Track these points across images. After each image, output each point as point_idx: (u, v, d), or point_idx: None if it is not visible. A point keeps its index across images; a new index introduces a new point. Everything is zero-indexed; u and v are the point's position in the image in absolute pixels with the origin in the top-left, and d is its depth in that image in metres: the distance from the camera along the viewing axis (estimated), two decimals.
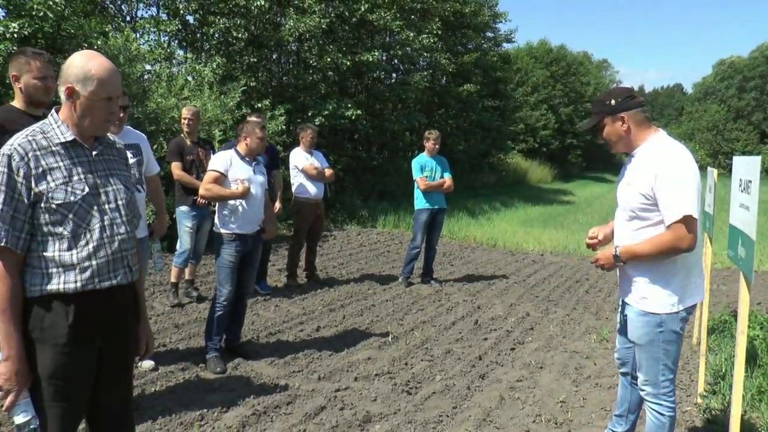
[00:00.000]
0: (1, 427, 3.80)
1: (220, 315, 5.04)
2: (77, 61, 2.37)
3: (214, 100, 10.41)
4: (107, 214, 2.43)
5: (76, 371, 2.39)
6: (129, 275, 2.52)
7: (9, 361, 2.28)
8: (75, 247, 2.35)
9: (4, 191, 2.26)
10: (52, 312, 2.34)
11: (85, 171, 2.40)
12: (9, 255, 2.28)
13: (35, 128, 2.39)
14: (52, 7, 8.33)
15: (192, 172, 6.58)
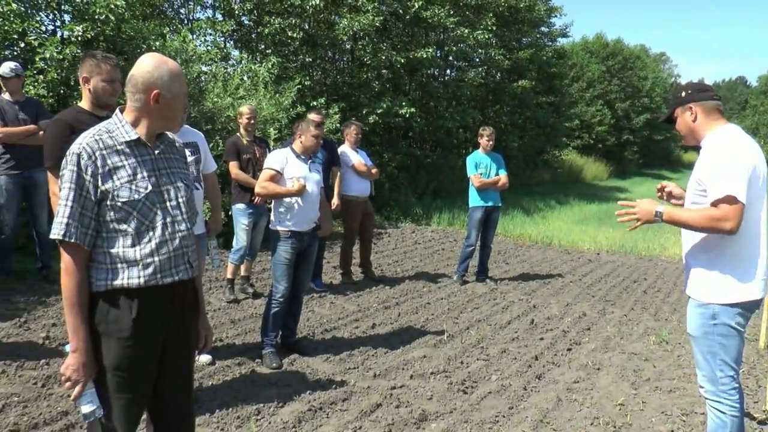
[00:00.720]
0: (68, 416, 3.92)
1: (276, 311, 5.10)
2: (154, 64, 2.44)
3: (269, 99, 10.53)
4: (169, 211, 2.49)
5: (139, 363, 2.46)
6: (189, 271, 2.58)
7: (77, 353, 2.36)
8: (138, 243, 2.41)
9: (74, 189, 2.34)
10: (116, 306, 2.40)
11: (148, 169, 2.46)
12: (77, 250, 2.36)
13: (101, 128, 2.46)
14: (114, 11, 8.57)
15: (248, 170, 6.67)
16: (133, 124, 2.47)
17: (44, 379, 4.50)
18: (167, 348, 2.56)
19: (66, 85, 8.07)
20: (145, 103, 2.44)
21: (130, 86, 2.46)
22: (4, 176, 6.57)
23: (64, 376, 2.37)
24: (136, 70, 2.45)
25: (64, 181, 2.36)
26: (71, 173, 2.34)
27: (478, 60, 20.02)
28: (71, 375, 2.35)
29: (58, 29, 9.11)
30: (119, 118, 2.48)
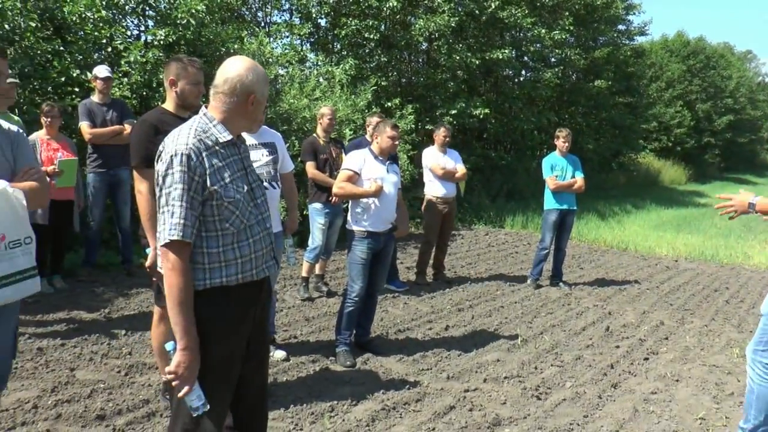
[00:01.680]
0: (150, 404, 4.09)
1: (351, 310, 5.18)
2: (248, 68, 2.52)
3: (345, 100, 10.68)
4: (258, 209, 2.58)
5: (234, 358, 2.56)
6: (275, 267, 2.68)
7: (187, 351, 2.41)
8: (238, 241, 2.50)
9: (185, 189, 2.37)
10: (215, 304, 2.48)
11: (239, 169, 2.55)
12: (186, 249, 2.41)
13: (196, 129, 2.49)
14: (195, 15, 8.89)
15: (325, 170, 6.78)
16: (223, 124, 2.53)
17: (127, 368, 4.72)
18: (252, 339, 2.66)
19: (148, 87, 8.40)
20: (239, 105, 2.50)
21: (225, 88, 2.50)
22: (92, 174, 6.90)
23: (174, 374, 2.41)
24: (232, 74, 2.49)
25: (174, 182, 2.38)
26: (182, 174, 2.37)
27: (554, 60, 19.71)
28: (182, 372, 2.40)
29: (142, 34, 9.50)
30: (209, 118, 2.53)
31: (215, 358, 2.49)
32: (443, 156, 7.98)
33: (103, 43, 8.63)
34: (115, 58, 8.54)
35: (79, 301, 6.28)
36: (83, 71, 7.91)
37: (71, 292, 6.54)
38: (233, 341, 2.53)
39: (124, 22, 9.43)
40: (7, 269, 2.81)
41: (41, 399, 4.12)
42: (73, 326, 5.59)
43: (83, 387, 4.35)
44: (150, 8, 9.43)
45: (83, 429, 3.79)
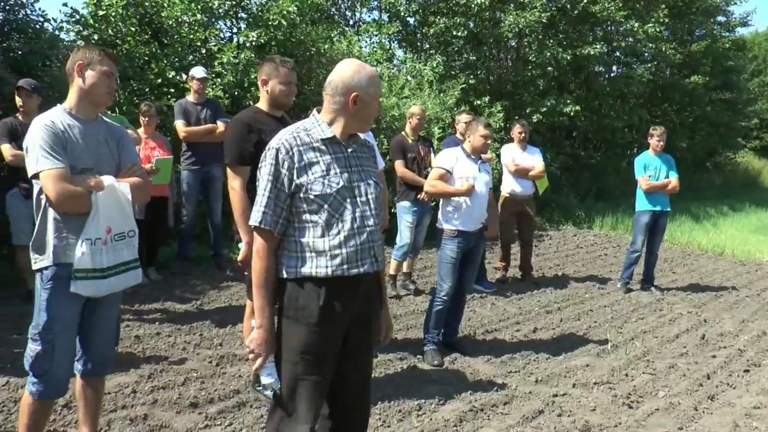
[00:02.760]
0: (240, 394, 4.24)
1: (440, 309, 5.20)
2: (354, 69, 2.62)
3: (433, 99, 10.69)
4: (358, 206, 2.63)
5: (324, 348, 2.62)
6: (375, 265, 2.70)
7: (261, 329, 2.59)
8: (327, 235, 2.57)
9: (270, 180, 2.55)
10: (305, 293, 2.58)
11: (341, 166, 2.62)
12: (268, 236, 2.58)
13: (299, 126, 2.66)
14: (286, 16, 9.10)
15: (413, 168, 6.82)
16: (330, 124, 2.64)
17: (218, 358, 4.91)
18: (351, 337, 2.71)
19: (240, 87, 8.67)
20: (343, 104, 2.61)
21: (329, 89, 2.63)
22: (186, 171, 7.18)
23: (248, 348, 2.62)
24: (335, 75, 2.63)
25: (263, 174, 2.57)
26: (269, 167, 2.55)
27: (647, 55, 19.00)
28: (255, 348, 2.60)
29: (234, 36, 9.80)
30: (316, 118, 2.66)
31: (301, 348, 2.59)
32: (521, 153, 7.90)
33: (198, 45, 9.00)
34: (208, 59, 8.86)
35: (173, 293, 6.57)
36: (178, 72, 8.27)
37: (165, 284, 6.85)
38: (322, 336, 2.59)
39: (218, 24, 9.79)
40: (113, 260, 3.01)
41: (139, 384, 4.36)
42: (167, 316, 5.86)
43: (177, 375, 4.57)
44: (243, 11, 9.74)
45: (177, 415, 3.98)
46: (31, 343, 2.98)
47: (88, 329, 3.13)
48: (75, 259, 2.90)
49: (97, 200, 2.92)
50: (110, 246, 3.00)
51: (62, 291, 2.92)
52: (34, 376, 2.99)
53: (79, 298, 2.98)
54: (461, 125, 7.09)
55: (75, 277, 2.91)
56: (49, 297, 2.93)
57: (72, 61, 3.04)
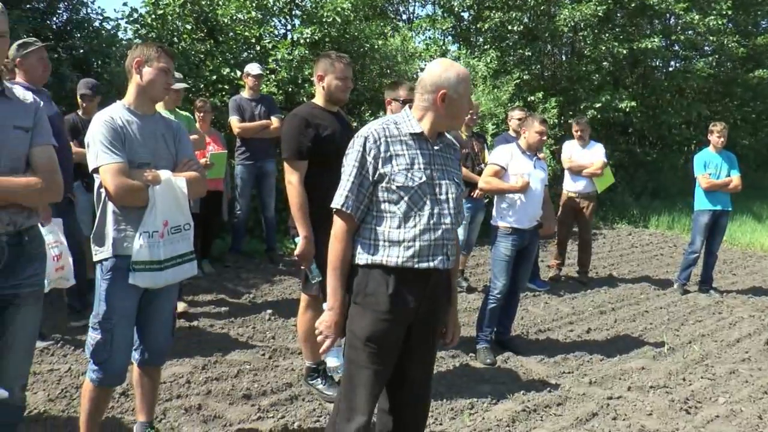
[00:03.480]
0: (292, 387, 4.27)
1: (493, 307, 5.15)
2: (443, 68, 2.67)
3: (487, 94, 10.58)
4: (437, 203, 2.65)
5: (388, 338, 2.65)
6: (446, 262, 2.71)
7: (332, 312, 2.65)
8: (404, 226, 2.60)
9: (356, 167, 2.62)
10: (374, 280, 2.62)
11: (425, 162, 2.66)
12: (349, 220, 2.64)
13: (390, 118, 2.75)
14: (340, 13, 9.13)
15: (467, 164, 6.75)
16: (419, 120, 2.70)
17: (271, 351, 4.95)
18: (414, 331, 2.72)
19: (294, 83, 8.74)
20: (432, 102, 2.65)
21: (420, 87, 2.70)
22: (240, 166, 7.27)
23: (317, 329, 2.68)
24: (425, 73, 2.70)
25: (349, 160, 2.65)
26: (357, 153, 2.62)
27: (708, 49, 18.40)
28: (324, 330, 2.66)
29: (288, 33, 9.89)
30: (407, 113, 2.73)
31: (365, 335, 2.62)
32: (581, 150, 7.74)
33: (252, 42, 9.12)
34: (263, 56, 8.96)
35: (226, 286, 6.66)
36: (233, 69, 8.38)
37: (218, 276, 6.94)
38: (386, 324, 2.61)
39: (272, 22, 9.88)
40: (169, 253, 3.07)
41: (193, 375, 4.43)
42: (220, 309, 5.94)
43: (230, 367, 4.62)
44: (297, 8, 9.80)
45: (231, 406, 4.03)
46: (91, 331, 3.06)
47: (145, 320, 3.19)
48: (133, 252, 2.96)
49: (155, 194, 2.98)
50: (167, 239, 3.05)
51: (121, 282, 2.99)
52: (94, 363, 3.06)
53: (137, 290, 3.04)
54: (514, 122, 7.00)
55: (133, 269, 2.97)
56: (108, 287, 3.01)
57: (131, 58, 3.10)
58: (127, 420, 3.79)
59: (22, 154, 2.65)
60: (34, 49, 4.52)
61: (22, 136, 2.65)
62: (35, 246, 2.76)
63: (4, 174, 2.55)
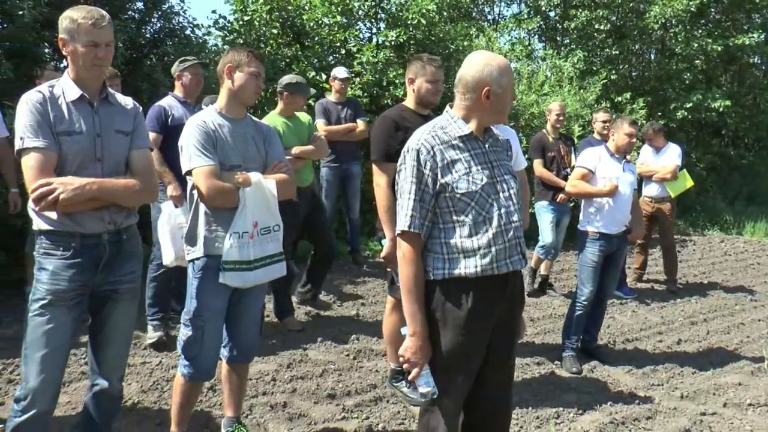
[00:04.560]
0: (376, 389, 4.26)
1: (580, 314, 5.01)
2: (483, 62, 2.55)
3: (573, 95, 10.35)
4: (502, 202, 2.57)
5: (471, 349, 2.59)
6: (522, 262, 2.65)
7: (415, 337, 2.53)
8: (476, 234, 2.52)
9: (414, 182, 2.50)
10: (453, 294, 2.54)
11: (481, 162, 2.57)
12: (417, 240, 2.53)
13: (435, 124, 2.62)
14: (425, 15, 9.11)
15: (552, 168, 6.63)
16: (465, 120, 2.59)
17: (355, 352, 4.98)
18: (494, 336, 2.65)
19: (378, 86, 8.78)
20: (476, 100, 2.55)
21: (460, 86, 2.58)
22: (326, 168, 7.35)
23: (402, 357, 2.55)
24: (465, 70, 2.57)
25: (405, 176, 2.53)
26: (412, 168, 2.51)
27: None
28: (410, 357, 2.53)
29: (373, 36, 9.93)
30: (450, 115, 2.62)
31: (450, 349, 2.55)
32: (654, 154, 7.50)
33: (337, 46, 9.21)
34: (348, 59, 9.04)
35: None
36: (318, 73, 8.48)
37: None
38: (470, 334, 2.55)
39: (357, 25, 9.96)
40: (259, 253, 3.13)
41: (278, 373, 4.51)
42: (305, 309, 6.01)
43: (315, 366, 4.68)
44: (382, 11, 9.84)
45: (315, 405, 4.07)
46: (183, 327, 3.16)
47: (234, 318, 3.27)
48: (223, 252, 3.04)
49: (245, 196, 3.04)
50: (257, 239, 3.12)
51: (211, 281, 3.07)
52: (186, 358, 3.16)
53: (227, 288, 3.12)
54: (598, 124, 6.81)
55: (223, 269, 3.05)
56: (199, 286, 3.10)
57: (222, 64, 3.18)
58: (215, 414, 3.90)
59: (122, 157, 2.80)
60: (189, 66, 4.82)
61: (122, 140, 2.79)
62: (132, 244, 2.89)
63: (105, 176, 2.68)
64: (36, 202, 2.54)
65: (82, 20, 2.60)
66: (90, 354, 2.93)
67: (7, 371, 4.40)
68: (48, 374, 2.67)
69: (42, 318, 2.64)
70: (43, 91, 2.65)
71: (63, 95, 2.66)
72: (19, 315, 5.35)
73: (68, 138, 2.62)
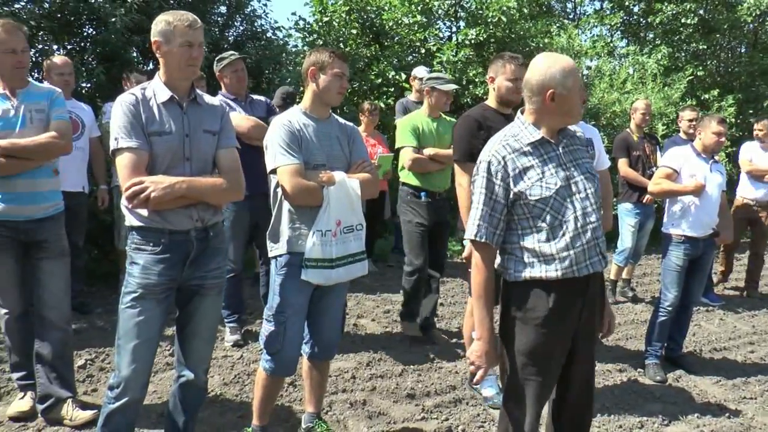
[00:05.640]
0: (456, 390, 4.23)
1: (663, 321, 4.83)
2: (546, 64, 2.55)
3: (657, 93, 10.01)
4: (579, 203, 2.55)
5: (553, 350, 2.59)
6: (602, 263, 2.63)
7: (481, 341, 2.58)
8: (553, 238, 2.52)
9: (484, 193, 2.54)
10: (533, 295, 2.56)
11: (555, 165, 2.56)
12: (485, 249, 2.58)
13: (507, 133, 2.63)
14: (506, 12, 8.99)
15: (637, 167, 6.43)
16: (535, 125, 2.59)
17: (435, 352, 4.96)
18: (576, 337, 2.65)
19: (458, 85, 8.70)
20: (541, 103, 2.55)
21: (526, 90, 2.59)
22: None
23: (469, 360, 2.61)
24: (529, 73, 2.58)
25: (476, 187, 2.58)
26: (482, 179, 2.55)
27: None
28: (476, 360, 2.60)
29: (453, 35, 9.88)
30: (521, 121, 2.63)
31: (528, 350, 2.56)
32: (763, 152, 7.04)
33: (417, 45, 9.20)
34: (427, 58, 9.02)
35: (389, 285, 6.77)
36: (398, 72, 8.50)
37: (381, 276, 7.06)
38: (550, 337, 2.55)
39: (437, 24, 9.94)
40: (341, 252, 3.16)
41: (358, 371, 4.54)
42: (384, 307, 6.03)
43: (394, 365, 4.68)
44: (462, 9, 9.78)
45: (395, 404, 4.08)
46: (265, 323, 3.23)
47: (316, 315, 3.31)
48: (306, 249, 3.07)
49: (329, 194, 3.07)
50: (339, 238, 3.14)
51: (294, 278, 3.12)
52: (268, 353, 3.22)
53: (309, 286, 3.16)
54: (684, 123, 6.56)
55: (306, 266, 3.08)
56: (282, 282, 3.15)
57: (306, 66, 3.22)
58: (295, 409, 3.96)
59: (210, 156, 2.88)
60: (227, 64, 4.88)
61: (210, 139, 2.87)
62: (218, 241, 2.96)
63: (193, 174, 2.75)
64: (129, 200, 2.64)
65: (177, 22, 2.69)
66: (177, 346, 3.03)
67: (99, 359, 4.59)
68: (139, 364, 2.78)
69: (133, 310, 2.74)
70: (135, 93, 2.76)
71: (154, 97, 2.76)
72: (108, 306, 5.60)
73: (159, 138, 2.71)
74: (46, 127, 3.46)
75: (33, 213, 3.46)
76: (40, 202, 3.48)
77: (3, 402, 3.89)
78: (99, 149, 5.62)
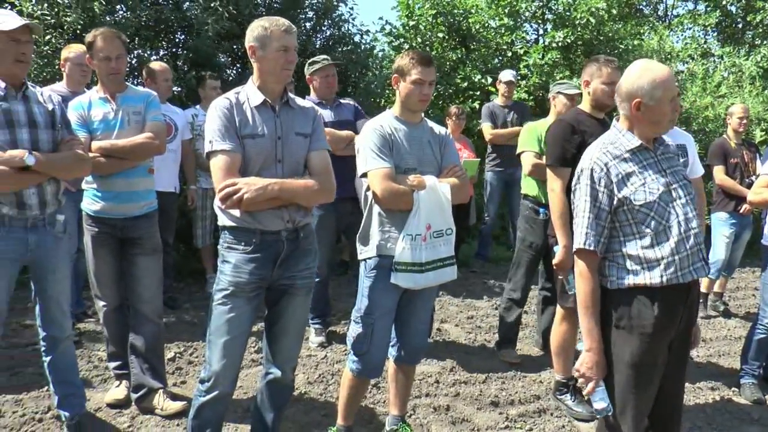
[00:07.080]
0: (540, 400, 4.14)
1: (762, 338, 4.57)
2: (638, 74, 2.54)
3: (755, 96, 9.55)
4: (681, 209, 2.52)
5: (656, 359, 2.55)
6: (705, 268, 2.59)
7: (591, 352, 2.54)
8: (657, 244, 2.50)
9: (589, 201, 2.55)
10: (638, 303, 2.52)
11: (655, 171, 2.55)
12: (593, 257, 2.56)
13: (605, 140, 2.64)
14: (594, 13, 8.79)
15: (735, 175, 6.15)
16: (630, 131, 2.59)
17: (519, 361, 4.88)
18: (673, 345, 2.61)
19: (545, 89, 8.61)
20: (630, 111, 2.55)
21: (617, 96, 2.61)
22: (490, 173, 7.32)
23: (578, 372, 2.57)
24: (622, 79, 2.60)
25: (581, 195, 2.58)
26: (586, 187, 2.55)
27: None
28: (585, 372, 2.55)
29: (540, 37, 9.74)
30: (618, 129, 2.63)
31: (632, 360, 2.52)
32: None
33: (504, 48, 9.11)
34: (514, 61, 8.92)
35: (473, 291, 6.74)
36: (483, 76, 8.43)
37: (464, 281, 6.98)
38: (653, 345, 2.52)
39: (524, 27, 9.82)
40: (431, 256, 3.15)
41: (442, 376, 4.52)
42: (467, 313, 5.99)
43: (478, 372, 4.63)
44: (549, 11, 9.63)
45: (478, 411, 4.04)
46: (353, 324, 3.26)
47: (404, 319, 3.32)
48: (396, 253, 3.09)
49: (419, 199, 3.07)
50: (429, 242, 3.14)
51: (383, 281, 3.14)
52: (355, 354, 3.26)
53: (398, 289, 3.17)
54: None
55: (395, 269, 3.10)
56: (371, 285, 3.17)
57: (393, 70, 3.25)
58: (379, 411, 3.98)
59: (301, 158, 2.93)
60: (318, 69, 4.95)
61: (302, 142, 2.91)
62: (308, 242, 3.00)
63: (285, 176, 2.80)
64: (222, 201, 2.71)
65: (274, 27, 2.75)
66: (265, 344, 3.09)
67: (187, 353, 4.74)
68: (229, 359, 2.85)
69: (224, 307, 2.81)
70: (230, 97, 2.83)
71: (248, 101, 2.83)
72: (196, 302, 5.78)
73: (252, 141, 2.77)
74: (143, 128, 3.63)
75: (129, 211, 3.64)
76: (136, 201, 3.66)
77: (101, 389, 4.07)
78: (190, 151, 5.82)
